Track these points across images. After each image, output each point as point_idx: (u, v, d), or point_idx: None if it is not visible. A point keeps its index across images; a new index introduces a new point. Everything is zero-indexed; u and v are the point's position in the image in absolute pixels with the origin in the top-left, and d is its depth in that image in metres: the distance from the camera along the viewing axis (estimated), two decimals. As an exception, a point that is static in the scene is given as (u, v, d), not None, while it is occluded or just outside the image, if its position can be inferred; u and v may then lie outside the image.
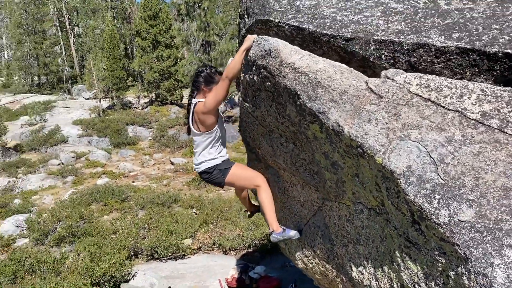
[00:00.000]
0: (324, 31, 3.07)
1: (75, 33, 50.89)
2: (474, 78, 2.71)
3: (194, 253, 8.77)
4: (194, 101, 3.41)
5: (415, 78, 2.49)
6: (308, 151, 2.94)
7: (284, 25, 3.27)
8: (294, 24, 3.20)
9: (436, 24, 2.86)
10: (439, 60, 2.77)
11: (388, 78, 2.53)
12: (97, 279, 6.35)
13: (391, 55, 2.90)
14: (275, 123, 3.15)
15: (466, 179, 2.08)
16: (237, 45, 4.27)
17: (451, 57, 2.72)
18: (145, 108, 32.97)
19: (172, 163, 21.45)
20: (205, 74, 3.41)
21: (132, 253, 8.66)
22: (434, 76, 2.51)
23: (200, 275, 7.34)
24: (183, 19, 31.30)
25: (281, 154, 3.32)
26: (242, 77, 3.35)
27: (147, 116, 30.23)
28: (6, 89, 46.07)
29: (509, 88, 2.37)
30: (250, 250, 8.64)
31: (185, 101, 29.22)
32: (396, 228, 2.41)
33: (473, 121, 2.24)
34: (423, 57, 2.81)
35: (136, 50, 38.01)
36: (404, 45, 2.83)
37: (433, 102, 2.36)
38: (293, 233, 3.41)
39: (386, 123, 2.34)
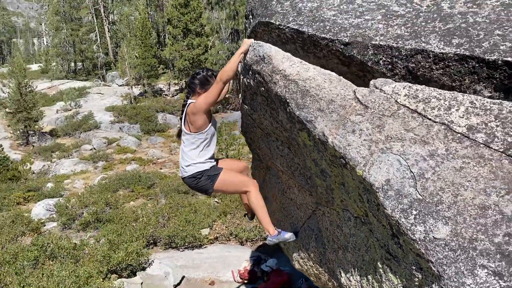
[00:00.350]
0: (323, 35, 3.05)
1: (110, 20, 51.83)
2: (473, 86, 2.65)
3: (211, 243, 8.92)
4: (188, 102, 3.40)
5: (404, 88, 2.45)
6: (301, 156, 2.96)
7: (284, 27, 3.27)
8: (293, 27, 3.20)
9: (437, 29, 2.80)
10: (437, 66, 2.72)
11: (376, 88, 2.50)
12: (114, 267, 6.60)
13: (389, 60, 2.87)
14: (271, 127, 3.17)
15: (444, 196, 2.05)
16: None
17: (450, 63, 2.67)
18: (175, 95, 33.43)
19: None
20: (200, 77, 3.37)
21: (151, 241, 8.93)
22: (423, 86, 2.47)
23: (214, 266, 7.48)
24: (212, 7, 31.36)
25: (278, 157, 3.34)
26: (241, 80, 3.38)
27: (176, 103, 30.63)
28: (44, 75, 47.66)
29: (499, 101, 2.31)
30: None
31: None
32: (378, 240, 2.41)
33: (459, 135, 2.20)
34: (422, 63, 2.76)
35: (167, 38, 38.39)
36: (402, 50, 2.79)
37: (419, 113, 2.33)
38: (288, 236, 3.41)
39: (370, 135, 2.32)
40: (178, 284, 6.83)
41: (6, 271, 6.10)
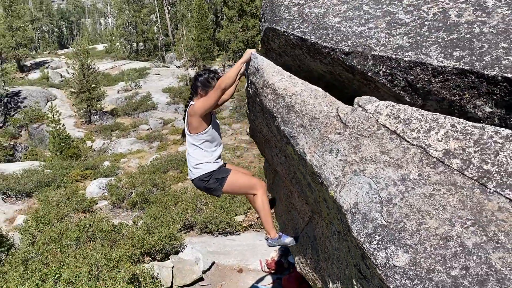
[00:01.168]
0: (325, 44, 3.05)
1: (170, 1, 52.90)
2: (473, 101, 2.57)
3: (245, 230, 9.14)
4: (190, 103, 3.37)
5: (386, 108, 2.43)
6: (293, 167, 3.01)
7: (289, 34, 3.30)
8: (297, 34, 3.22)
9: (440, 40, 2.72)
10: (436, 79, 2.66)
11: (359, 106, 2.49)
12: (148, 250, 6.99)
13: (389, 71, 2.83)
14: (269, 135, 3.23)
15: (408, 223, 2.04)
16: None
17: (449, 77, 2.60)
18: (229, 77, 33.77)
19: (248, 134, 22.00)
20: (202, 79, 3.33)
21: (188, 225, 9.30)
22: (406, 106, 2.43)
23: (244, 254, 7.68)
24: (267, -12, 31.11)
25: (278, 163, 3.40)
26: (245, 87, 3.45)
27: (229, 85, 31.00)
28: (108, 55, 49.84)
29: (482, 125, 2.23)
30: (300, 231, 8.73)
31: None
32: (353, 258, 2.44)
33: (434, 160, 2.17)
34: (420, 76, 2.70)
35: (223, 20, 38.68)
36: (401, 62, 2.74)
37: (398, 135, 2.30)
38: (288, 240, 3.43)
39: (345, 155, 2.33)
40: (208, 269, 7.11)
41: (52, 248, 6.67)
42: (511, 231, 1.87)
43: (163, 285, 6.34)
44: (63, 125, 20.92)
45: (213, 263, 7.34)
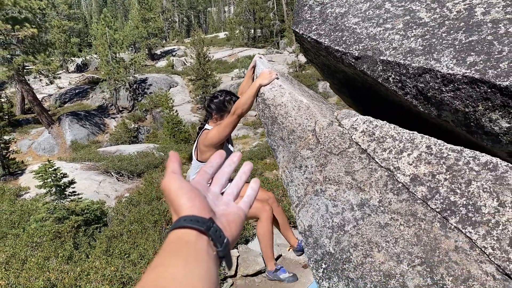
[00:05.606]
0: (337, 47, 2.92)
1: (287, -13, 53.15)
2: (488, 113, 2.30)
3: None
4: (205, 126, 3.16)
5: (363, 123, 2.23)
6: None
7: (306, 37, 3.21)
8: (313, 37, 3.13)
9: (457, 42, 2.45)
10: (447, 88, 2.41)
11: (336, 120, 2.33)
12: (217, 237, 7.21)
13: (398, 78, 2.63)
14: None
15: (354, 254, 1.89)
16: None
17: (460, 86, 2.35)
18: (340, 63, 33.04)
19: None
20: (217, 101, 3.10)
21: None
22: (384, 122, 2.20)
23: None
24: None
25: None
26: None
27: (339, 72, 30.34)
28: (228, 42, 52.07)
29: (460, 148, 1.95)
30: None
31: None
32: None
33: (400, 185, 1.96)
34: (431, 84, 2.47)
35: (338, 3, 37.58)
36: (410, 68, 2.53)
37: (368, 154, 2.12)
38: (284, 276, 3.25)
39: (311, 173, 2.22)
40: (274, 261, 7.16)
41: (135, 228, 7.36)
42: (460, 277, 1.63)
43: (227, 273, 6.60)
44: (176, 111, 22.52)
45: (279, 256, 7.38)
